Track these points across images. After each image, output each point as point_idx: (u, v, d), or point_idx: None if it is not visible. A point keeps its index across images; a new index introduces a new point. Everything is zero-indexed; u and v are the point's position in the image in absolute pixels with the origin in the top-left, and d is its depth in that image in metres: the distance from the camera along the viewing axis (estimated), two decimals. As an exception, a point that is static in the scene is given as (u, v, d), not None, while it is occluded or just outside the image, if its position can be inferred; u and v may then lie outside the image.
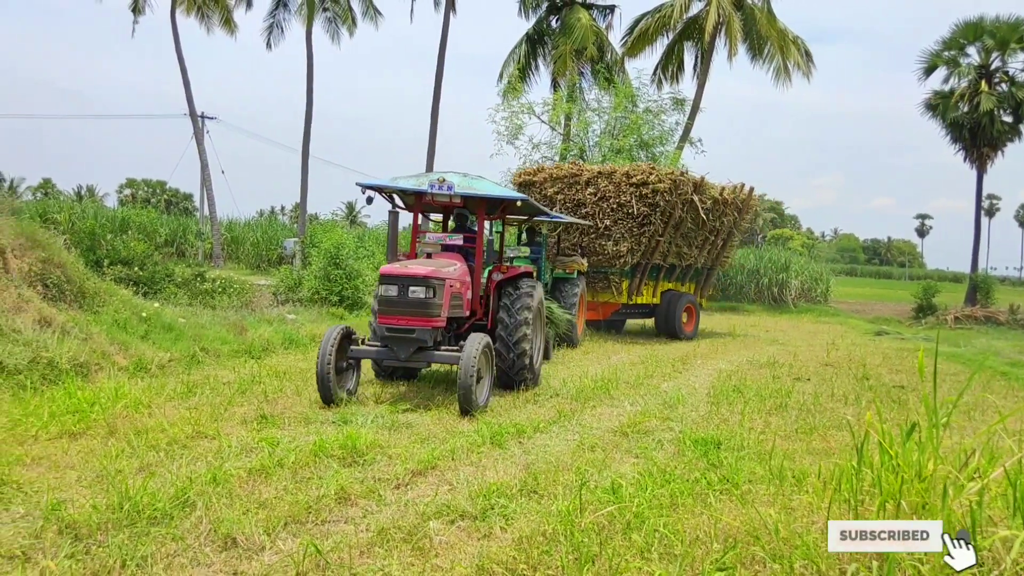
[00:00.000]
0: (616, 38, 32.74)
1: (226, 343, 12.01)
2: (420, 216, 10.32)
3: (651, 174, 16.90)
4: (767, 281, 34.34)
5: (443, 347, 8.86)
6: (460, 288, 9.15)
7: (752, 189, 20.06)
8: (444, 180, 9.11)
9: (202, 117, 36.73)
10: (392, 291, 8.51)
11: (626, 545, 4.37)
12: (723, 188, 18.99)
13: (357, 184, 9.27)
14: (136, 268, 19.41)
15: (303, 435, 7.03)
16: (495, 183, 9.08)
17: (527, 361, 9.72)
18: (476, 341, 8.32)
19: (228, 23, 33.43)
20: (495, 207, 9.91)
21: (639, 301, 18.16)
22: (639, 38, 30.72)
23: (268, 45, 34.54)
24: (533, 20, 32.34)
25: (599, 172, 17.51)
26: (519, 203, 9.31)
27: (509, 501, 5.32)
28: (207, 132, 39.32)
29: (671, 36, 31.18)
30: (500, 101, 29.40)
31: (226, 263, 28.72)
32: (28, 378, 8.03)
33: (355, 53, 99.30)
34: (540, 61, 32.36)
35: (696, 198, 17.68)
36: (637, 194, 16.89)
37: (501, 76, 31.83)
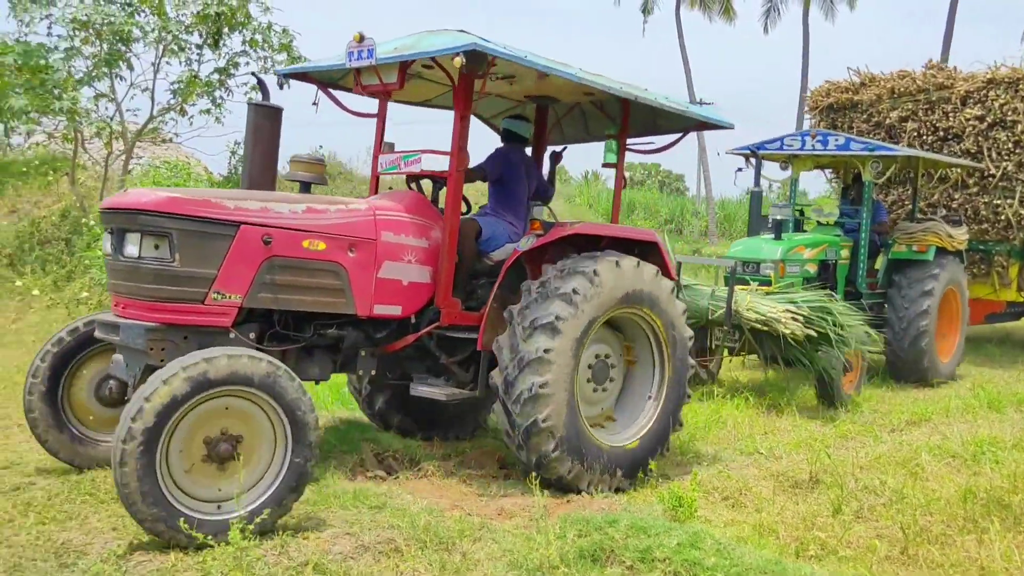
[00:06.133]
0: None
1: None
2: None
3: None
4: None
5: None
6: (337, 252, 4.63)
7: None
8: (361, 38, 4.89)
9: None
10: (107, 244, 4.41)
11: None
12: None
13: (275, 72, 5.19)
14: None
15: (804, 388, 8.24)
16: (468, 34, 4.73)
17: (550, 447, 4.66)
18: (166, 375, 3.62)
19: (728, 12, 35.30)
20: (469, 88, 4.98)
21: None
22: None
23: (765, 29, 35.72)
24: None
25: (989, 80, 10.91)
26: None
27: (1001, 451, 5.90)
28: (704, 117, 41.67)
29: None
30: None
31: (719, 239, 30.79)
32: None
33: (849, 25, 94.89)
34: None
35: None
36: None
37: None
